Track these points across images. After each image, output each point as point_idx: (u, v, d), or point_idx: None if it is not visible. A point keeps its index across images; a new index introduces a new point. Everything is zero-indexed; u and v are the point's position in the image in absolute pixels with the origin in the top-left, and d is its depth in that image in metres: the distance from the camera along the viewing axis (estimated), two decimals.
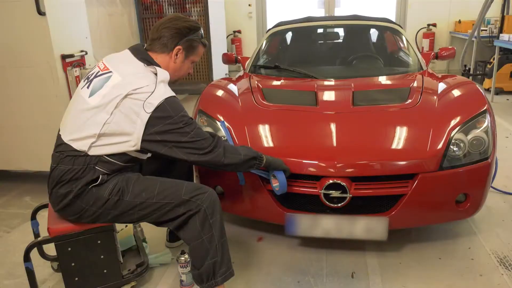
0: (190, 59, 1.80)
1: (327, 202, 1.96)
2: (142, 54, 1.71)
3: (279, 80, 2.87)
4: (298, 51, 3.57)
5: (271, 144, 2.13)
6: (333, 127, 2.12)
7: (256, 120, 2.26)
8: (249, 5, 7.83)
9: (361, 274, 2.03)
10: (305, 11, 7.93)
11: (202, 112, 2.34)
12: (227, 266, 1.71)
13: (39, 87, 2.83)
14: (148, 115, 1.56)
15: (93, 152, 1.61)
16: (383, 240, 1.97)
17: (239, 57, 3.53)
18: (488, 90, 5.74)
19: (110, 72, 1.65)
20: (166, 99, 1.58)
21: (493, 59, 5.47)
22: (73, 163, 1.62)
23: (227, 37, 7.47)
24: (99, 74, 1.68)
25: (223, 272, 1.68)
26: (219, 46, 6.37)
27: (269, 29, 3.68)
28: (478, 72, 6.33)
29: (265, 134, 2.18)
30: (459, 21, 6.95)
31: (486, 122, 2.08)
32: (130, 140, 1.60)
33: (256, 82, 2.73)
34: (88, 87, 1.67)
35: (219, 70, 6.33)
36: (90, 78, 1.70)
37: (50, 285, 2.03)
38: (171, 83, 1.77)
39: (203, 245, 1.65)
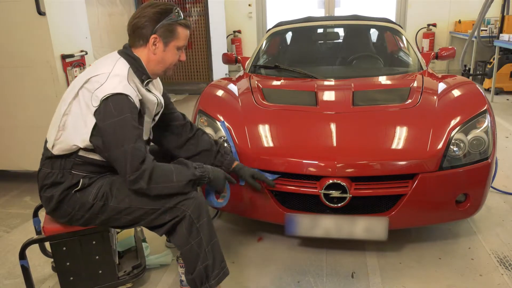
0: (172, 45, 1.65)
1: (327, 202, 1.96)
2: (123, 49, 1.67)
3: (279, 80, 2.87)
4: (298, 51, 3.56)
5: (271, 144, 2.13)
6: (333, 127, 2.12)
7: (256, 120, 2.26)
8: (249, 5, 7.83)
9: (361, 274, 2.03)
10: (305, 11, 7.93)
11: (202, 112, 2.34)
12: (220, 267, 1.66)
13: (39, 87, 2.83)
14: (94, 109, 1.50)
15: (57, 150, 1.58)
16: (383, 240, 1.97)
17: (239, 57, 3.53)
18: (488, 90, 5.74)
19: (89, 66, 1.64)
20: (113, 95, 1.48)
21: (493, 59, 5.47)
22: (52, 166, 1.62)
23: (227, 37, 7.47)
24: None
25: (216, 275, 1.64)
26: (219, 46, 6.37)
27: (269, 29, 3.68)
28: (478, 72, 6.33)
29: (265, 134, 2.18)
30: (459, 21, 6.95)
31: (486, 122, 2.08)
32: (81, 134, 1.54)
33: (256, 82, 2.73)
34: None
35: (219, 70, 6.33)
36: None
37: (50, 284, 2.03)
38: (164, 75, 1.74)
39: (193, 250, 1.61)
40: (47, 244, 2.05)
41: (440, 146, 1.98)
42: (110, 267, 1.81)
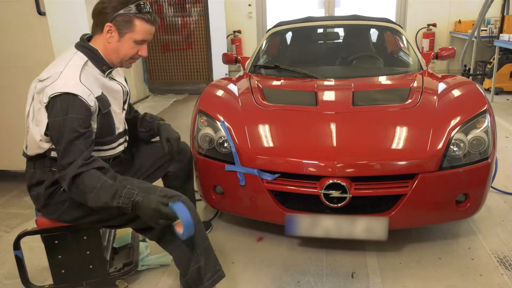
0: (128, 37, 1.60)
1: (327, 202, 1.96)
2: (81, 41, 1.64)
3: (279, 80, 2.87)
4: (298, 51, 3.57)
5: (271, 144, 2.13)
6: (333, 127, 2.12)
7: (256, 120, 2.26)
8: (249, 5, 7.83)
9: (361, 274, 2.03)
10: (305, 11, 7.93)
11: (202, 112, 2.34)
12: (214, 269, 1.65)
13: None
14: (44, 105, 1.50)
15: (29, 151, 1.61)
16: (383, 240, 1.97)
17: (239, 57, 3.53)
18: (488, 90, 5.74)
19: None
20: (61, 94, 1.47)
21: (493, 59, 5.47)
22: (34, 166, 1.64)
23: (227, 37, 7.47)
24: None
25: (210, 277, 1.63)
26: (219, 46, 6.37)
27: (269, 29, 3.69)
28: (478, 72, 6.33)
29: (265, 134, 2.18)
30: (459, 21, 6.95)
31: (486, 122, 2.08)
32: (40, 129, 1.54)
33: (256, 82, 2.73)
34: None
35: (219, 70, 6.33)
36: None
37: (45, 277, 2.05)
38: (121, 67, 1.71)
39: (184, 253, 1.61)
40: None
41: (440, 146, 1.98)
42: (101, 263, 1.85)
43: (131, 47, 1.63)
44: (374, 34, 3.72)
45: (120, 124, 1.74)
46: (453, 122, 2.07)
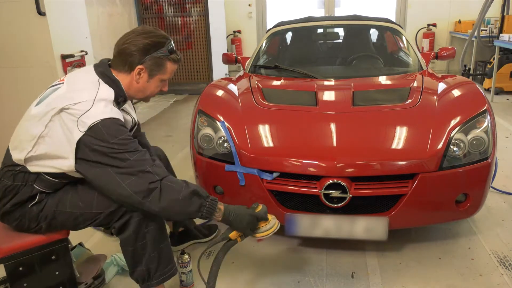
0: (157, 78, 1.62)
1: (327, 202, 1.96)
2: (102, 67, 1.60)
3: (279, 80, 2.87)
4: (298, 51, 3.57)
5: (271, 144, 2.13)
6: (333, 127, 2.12)
7: (256, 120, 2.26)
8: (249, 5, 7.83)
9: (361, 274, 2.03)
10: (305, 11, 7.93)
11: (202, 112, 2.34)
12: (164, 270, 1.66)
13: (39, 87, 2.80)
14: (81, 134, 1.41)
15: (29, 167, 1.52)
16: (383, 240, 1.97)
17: (239, 57, 3.53)
18: (488, 90, 5.74)
19: (62, 83, 1.57)
20: (102, 120, 1.42)
21: (493, 59, 5.47)
22: (14, 179, 1.55)
23: (227, 37, 7.47)
24: (53, 85, 1.61)
25: (158, 276, 1.65)
26: (219, 46, 6.38)
27: (269, 29, 3.68)
28: (478, 72, 6.33)
29: (265, 134, 2.17)
30: (459, 21, 6.95)
31: (486, 122, 2.08)
32: (64, 159, 1.47)
33: (256, 82, 2.73)
34: (40, 97, 1.61)
35: (219, 70, 6.34)
36: (47, 89, 1.64)
37: None
38: (142, 101, 1.69)
39: (136, 252, 1.62)
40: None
41: (440, 146, 1.98)
42: (71, 282, 1.73)
43: (157, 86, 1.66)
44: (374, 34, 3.72)
45: None
46: (453, 122, 2.07)
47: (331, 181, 1.92)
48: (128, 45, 1.55)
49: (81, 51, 3.03)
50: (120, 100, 1.61)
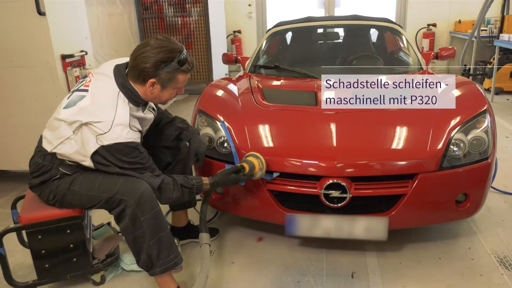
0: (169, 88, 1.74)
1: (327, 202, 1.96)
2: (122, 78, 1.71)
3: (279, 80, 2.87)
4: (298, 51, 3.56)
5: (271, 144, 2.13)
6: (333, 127, 2.12)
7: (256, 120, 2.26)
8: (249, 5, 7.83)
9: (361, 274, 2.03)
10: (305, 11, 7.92)
11: (202, 112, 2.34)
12: (166, 258, 1.74)
13: (39, 87, 2.83)
14: (98, 146, 1.62)
15: (58, 154, 1.73)
16: (383, 240, 1.97)
17: (239, 57, 3.53)
18: (488, 90, 5.74)
19: (87, 91, 1.71)
20: (116, 143, 1.61)
21: (493, 59, 5.47)
22: (43, 158, 1.76)
23: (227, 37, 7.47)
24: (80, 89, 1.75)
25: (161, 264, 1.74)
26: (219, 46, 6.37)
27: (269, 29, 3.68)
28: (478, 72, 6.32)
29: (265, 134, 2.18)
30: (459, 21, 6.95)
31: (486, 122, 2.08)
32: (84, 160, 1.68)
33: (256, 82, 2.73)
34: (68, 98, 1.76)
35: (219, 70, 6.33)
36: (74, 89, 1.78)
37: (27, 272, 2.07)
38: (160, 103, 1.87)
39: (136, 240, 1.72)
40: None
41: (440, 146, 1.98)
42: (84, 255, 1.89)
43: (171, 93, 1.78)
44: (374, 34, 3.72)
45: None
46: (453, 122, 2.07)
47: (331, 181, 1.92)
48: (141, 60, 1.65)
49: (81, 51, 3.02)
50: (141, 105, 1.78)
